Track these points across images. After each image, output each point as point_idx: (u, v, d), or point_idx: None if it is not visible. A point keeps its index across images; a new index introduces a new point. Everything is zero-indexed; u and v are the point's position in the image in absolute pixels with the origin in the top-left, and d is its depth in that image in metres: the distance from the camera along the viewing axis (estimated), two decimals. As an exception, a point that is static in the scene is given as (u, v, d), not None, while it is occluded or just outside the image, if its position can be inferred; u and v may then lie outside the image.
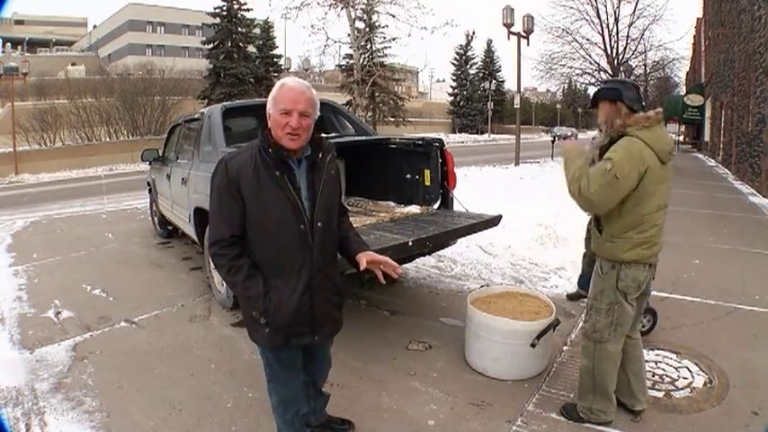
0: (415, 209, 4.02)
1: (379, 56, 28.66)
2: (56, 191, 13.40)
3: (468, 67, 46.59)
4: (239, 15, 27.64)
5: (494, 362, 2.81)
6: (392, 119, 33.78)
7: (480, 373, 2.86)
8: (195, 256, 5.44)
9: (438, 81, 63.23)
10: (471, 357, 2.95)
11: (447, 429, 2.39)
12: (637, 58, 24.87)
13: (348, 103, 21.28)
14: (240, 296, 1.80)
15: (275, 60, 30.73)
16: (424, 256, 4.15)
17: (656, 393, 2.61)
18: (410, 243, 3.00)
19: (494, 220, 3.62)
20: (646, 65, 26.10)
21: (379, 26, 23.85)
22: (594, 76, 25.09)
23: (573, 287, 4.08)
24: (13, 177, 17.88)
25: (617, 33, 23.84)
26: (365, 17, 17.88)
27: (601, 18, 23.53)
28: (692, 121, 24.09)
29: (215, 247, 1.73)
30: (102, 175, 17.39)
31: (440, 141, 3.99)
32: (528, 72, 59.36)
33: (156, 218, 6.55)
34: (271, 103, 1.71)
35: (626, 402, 2.44)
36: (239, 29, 27.57)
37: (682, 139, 29.66)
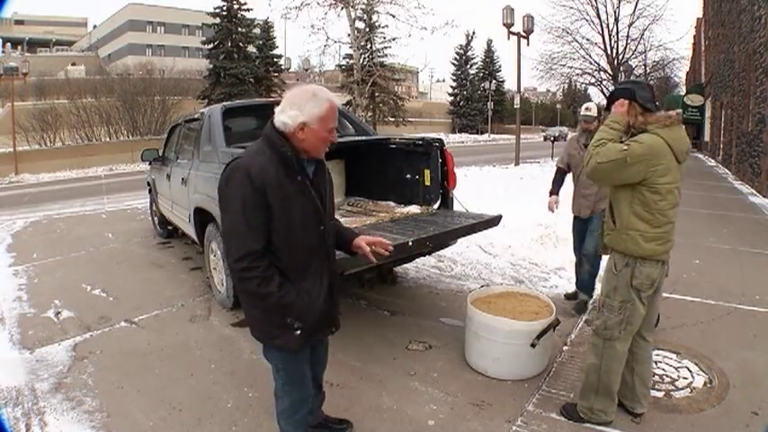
0: (415, 209, 4.02)
1: (379, 56, 28.67)
2: (56, 191, 13.40)
3: (468, 67, 46.63)
4: (239, 15, 27.66)
5: (494, 362, 2.81)
6: (392, 119, 33.81)
7: (480, 373, 2.86)
8: (195, 256, 5.44)
9: (438, 81, 63.28)
10: (471, 357, 2.95)
11: (447, 429, 2.39)
12: (637, 58, 24.87)
13: (348, 103, 21.27)
14: (274, 305, 1.70)
15: (275, 60, 30.75)
16: (424, 256, 4.15)
17: (656, 393, 2.61)
18: (410, 243, 2.99)
19: (494, 220, 3.61)
20: (646, 65, 26.09)
21: (379, 26, 23.83)
22: (594, 76, 25.10)
23: (573, 287, 4.08)
24: (13, 177, 17.89)
25: (617, 33, 23.85)
26: (365, 17, 17.86)
27: (601, 18, 23.54)
28: (692, 121, 24.07)
29: (245, 261, 1.63)
30: (102, 175, 17.40)
31: (440, 141, 3.99)
32: (528, 72, 59.31)
33: (156, 218, 6.55)
34: (316, 120, 1.70)
35: (627, 404, 2.43)
36: (239, 29, 27.59)
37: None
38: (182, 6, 46.79)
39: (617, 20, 23.59)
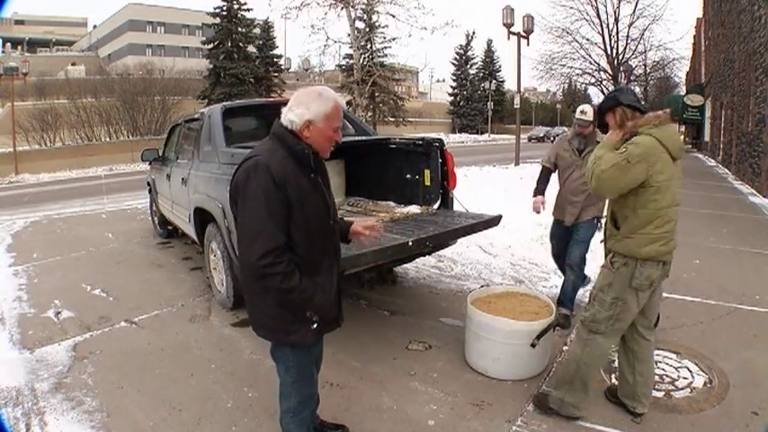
0: (415, 209, 4.02)
1: (379, 56, 28.72)
2: (56, 191, 13.40)
3: (468, 67, 46.63)
4: (239, 15, 27.67)
5: (494, 362, 2.81)
6: (392, 119, 33.81)
7: (480, 373, 2.86)
8: (195, 256, 5.44)
9: (438, 81, 63.23)
10: (471, 357, 2.95)
11: (447, 429, 2.39)
12: (637, 58, 24.93)
13: (348, 103, 21.25)
14: (296, 300, 1.70)
15: (275, 60, 30.76)
16: (424, 256, 4.15)
17: (656, 393, 2.61)
18: (410, 243, 3.00)
19: (494, 220, 3.62)
20: (646, 65, 26.14)
21: (379, 26, 23.87)
22: (594, 76, 25.13)
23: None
24: (13, 177, 17.91)
25: (617, 33, 23.90)
26: (365, 17, 17.88)
27: (601, 18, 23.59)
28: (692, 121, 24.10)
29: (270, 257, 1.62)
30: (102, 175, 17.40)
31: (440, 141, 3.99)
32: (528, 72, 59.30)
33: (156, 218, 6.55)
34: (322, 118, 1.75)
35: (628, 404, 2.43)
36: (239, 29, 27.60)
37: (682, 139, 29.63)
38: (182, 6, 46.86)
39: (617, 20, 23.63)
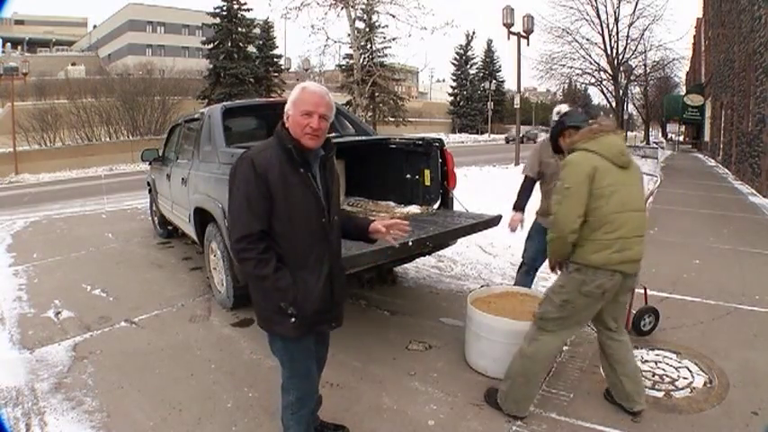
0: (415, 209, 4.02)
1: (379, 56, 28.71)
2: (56, 191, 13.41)
3: (468, 67, 46.62)
4: (239, 15, 27.68)
5: (494, 362, 2.80)
6: (392, 119, 33.82)
7: (480, 373, 2.86)
8: (195, 256, 5.44)
9: (438, 81, 63.17)
10: (471, 357, 2.95)
11: (447, 429, 2.39)
12: (637, 58, 24.94)
13: (348, 103, 21.26)
14: (270, 288, 1.78)
15: (275, 60, 30.77)
16: (424, 256, 4.15)
17: (656, 393, 2.61)
18: (410, 243, 2.99)
19: (494, 220, 3.62)
20: (646, 65, 26.15)
21: (379, 26, 23.87)
22: (594, 76, 25.14)
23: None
24: (13, 177, 17.91)
25: (617, 33, 23.91)
26: (365, 17, 17.85)
27: (601, 18, 23.60)
28: (692, 121, 24.14)
29: (243, 243, 1.73)
30: (102, 175, 17.41)
31: (440, 141, 3.99)
32: (528, 72, 59.23)
33: (156, 218, 6.55)
34: (291, 105, 1.81)
35: (623, 404, 2.43)
36: (239, 29, 27.62)
37: (682, 139, 29.69)
38: (182, 6, 46.85)
39: (617, 20, 23.64)
